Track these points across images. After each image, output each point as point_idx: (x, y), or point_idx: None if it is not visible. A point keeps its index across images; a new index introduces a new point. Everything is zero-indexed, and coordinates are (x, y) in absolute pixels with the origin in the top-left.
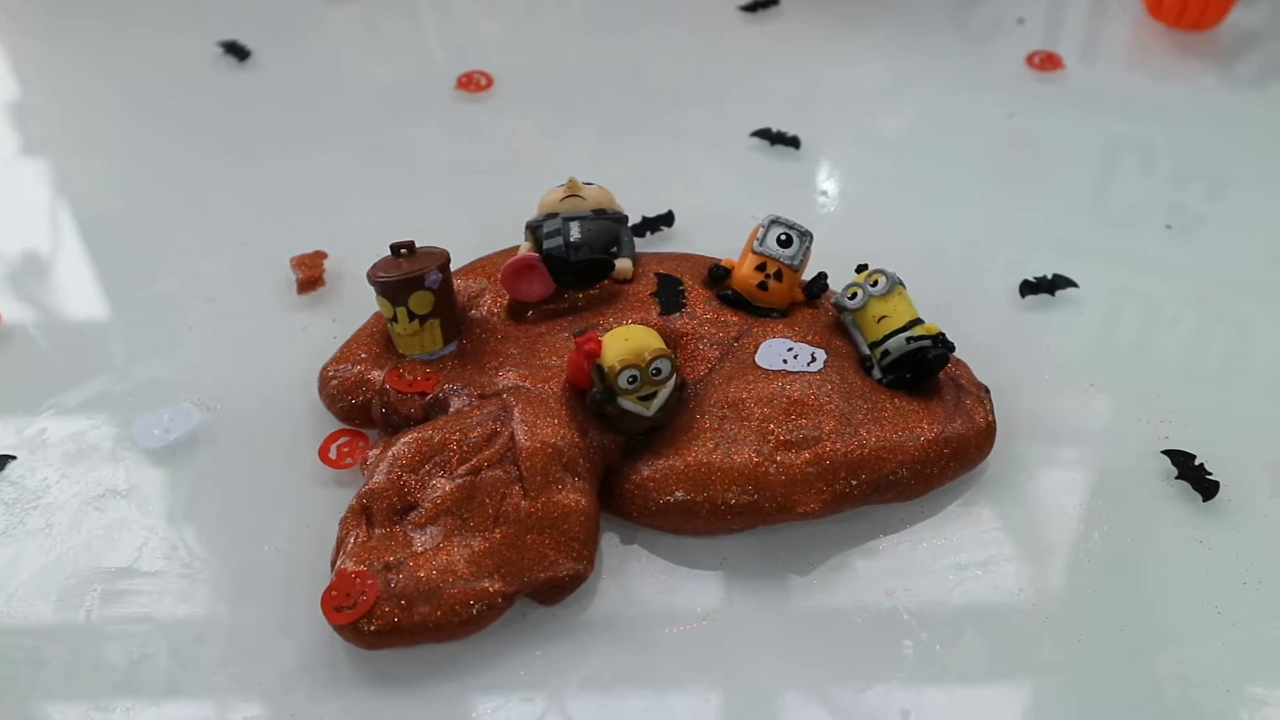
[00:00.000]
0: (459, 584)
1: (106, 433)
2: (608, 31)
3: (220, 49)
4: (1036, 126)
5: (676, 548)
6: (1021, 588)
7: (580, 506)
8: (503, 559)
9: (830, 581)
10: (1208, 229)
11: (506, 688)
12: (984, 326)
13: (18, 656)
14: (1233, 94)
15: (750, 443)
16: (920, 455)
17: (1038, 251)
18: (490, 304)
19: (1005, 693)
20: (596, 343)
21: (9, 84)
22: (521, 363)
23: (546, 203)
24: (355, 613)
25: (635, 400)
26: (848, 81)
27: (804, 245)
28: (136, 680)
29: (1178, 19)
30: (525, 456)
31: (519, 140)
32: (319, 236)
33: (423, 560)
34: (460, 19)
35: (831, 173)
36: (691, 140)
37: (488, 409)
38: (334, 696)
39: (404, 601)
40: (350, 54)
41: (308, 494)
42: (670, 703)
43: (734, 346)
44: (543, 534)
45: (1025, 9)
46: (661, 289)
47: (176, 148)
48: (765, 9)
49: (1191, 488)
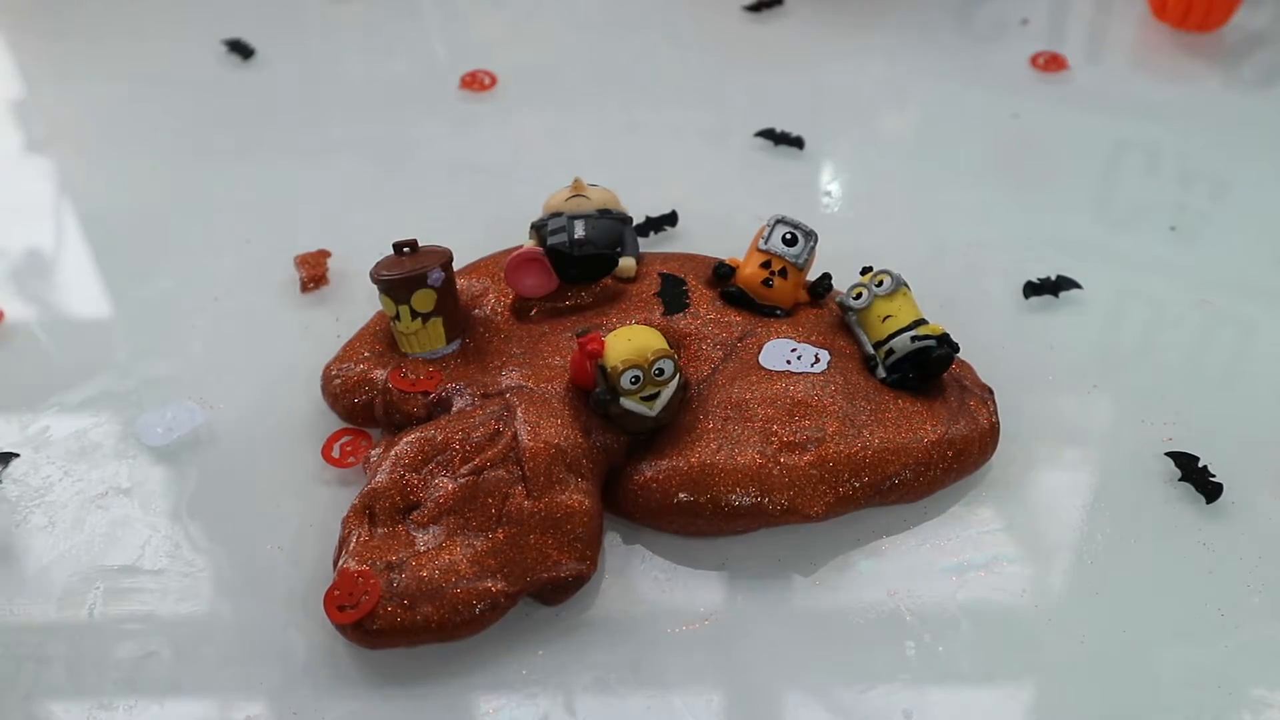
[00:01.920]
0: (462, 584)
1: (109, 431)
2: (612, 31)
3: (225, 47)
4: (1040, 127)
5: (679, 548)
6: (1024, 589)
7: (583, 507)
8: (505, 559)
9: (833, 582)
10: (1212, 230)
11: (509, 687)
12: (987, 327)
13: (21, 654)
14: (1237, 95)
15: (754, 444)
16: (924, 457)
17: (1041, 252)
18: (493, 303)
19: (1008, 693)
20: (599, 343)
21: (13, 82)
22: (524, 362)
23: (552, 203)
24: (358, 612)
25: (638, 400)
26: (852, 82)
27: (809, 245)
28: (139, 678)
29: (1182, 20)
30: (528, 457)
31: (522, 139)
32: (323, 235)
33: (425, 560)
34: (464, 18)
35: (835, 173)
36: (695, 140)
37: (490, 408)
38: (336, 695)
39: (406, 601)
40: (354, 53)
41: (310, 493)
42: (672, 702)
43: (738, 347)
44: (545, 534)
45: (1030, 10)
46: (665, 289)
47: (181, 146)
48: (769, 9)
49: (1195, 490)
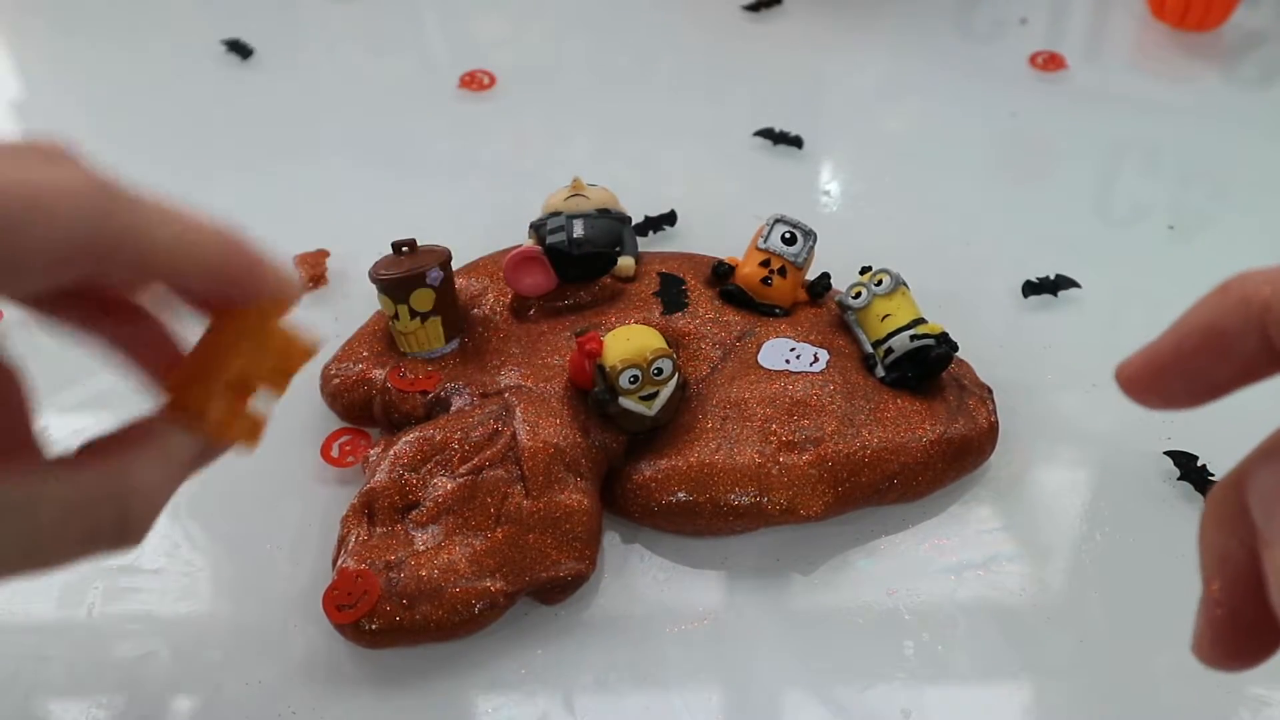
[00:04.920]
0: (461, 583)
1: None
2: (611, 31)
3: (224, 47)
4: (1039, 126)
5: (678, 547)
6: (1023, 588)
7: (582, 506)
8: (504, 558)
9: (832, 581)
10: (1211, 229)
11: (507, 686)
12: (986, 327)
13: (19, 654)
14: (1236, 94)
15: (753, 443)
16: (923, 456)
17: (1040, 252)
18: (492, 303)
19: (1007, 692)
20: (598, 342)
21: (12, 81)
22: (523, 361)
23: (551, 203)
24: (357, 612)
25: (637, 400)
26: (850, 81)
27: (808, 244)
28: (138, 678)
29: (1181, 19)
30: (527, 456)
31: (521, 139)
32: (321, 235)
33: (424, 559)
34: (463, 17)
35: (834, 173)
36: (694, 140)
37: (489, 408)
38: (335, 695)
39: (405, 600)
40: (353, 52)
41: (309, 492)
42: (672, 702)
43: (736, 346)
44: (545, 534)
45: (1028, 9)
46: (664, 288)
47: (179, 145)
48: (768, 8)
49: (1194, 488)
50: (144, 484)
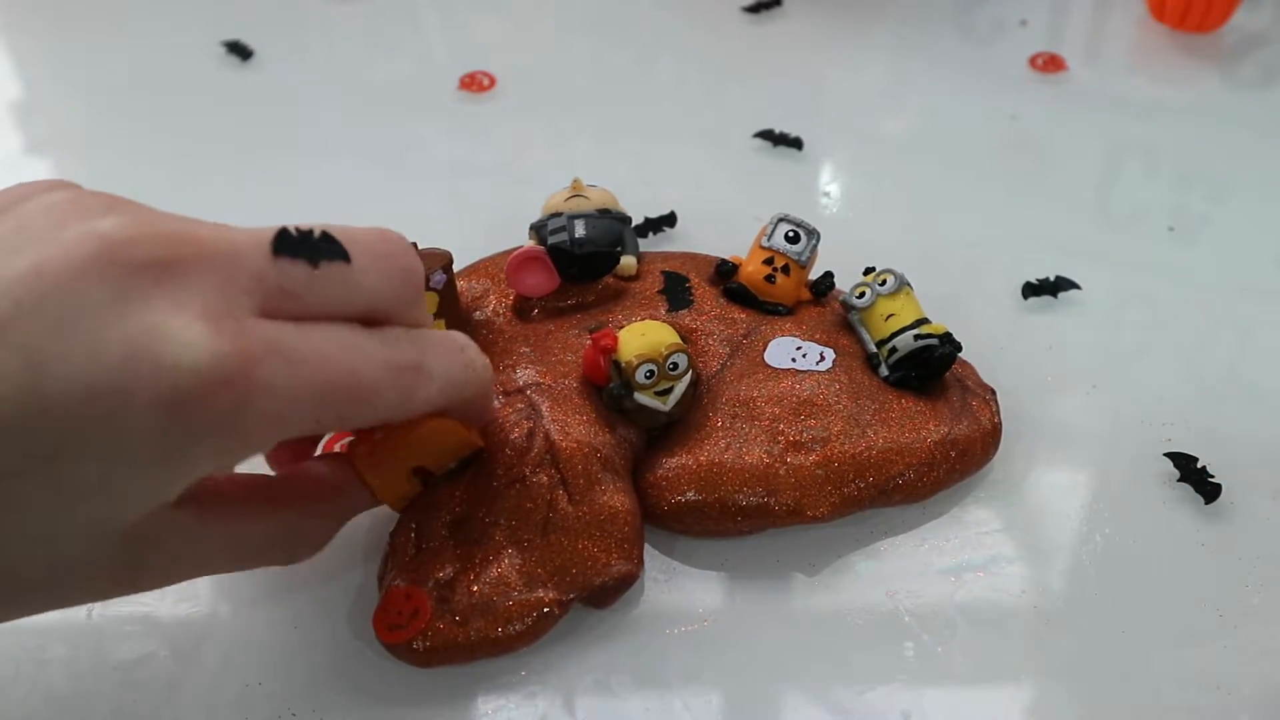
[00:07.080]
0: (513, 595)
1: None
2: (610, 32)
3: (224, 49)
4: (1039, 128)
5: (679, 548)
6: (1023, 589)
7: (625, 506)
8: (555, 567)
9: (832, 583)
10: (1211, 231)
11: (507, 687)
12: (986, 328)
13: (19, 655)
14: (1236, 96)
15: (761, 443)
16: (927, 457)
17: (1040, 253)
18: (494, 305)
19: (1007, 694)
20: (613, 338)
21: (11, 83)
22: (536, 360)
23: (551, 204)
24: (409, 631)
25: (652, 395)
26: (850, 83)
27: (811, 243)
28: (138, 679)
29: (1181, 21)
30: (564, 458)
31: (521, 140)
32: None
33: (475, 574)
34: (463, 19)
35: (834, 174)
36: (694, 141)
37: (517, 405)
38: (335, 696)
39: (458, 617)
40: (353, 54)
41: None
42: (672, 703)
43: (743, 344)
44: (591, 538)
45: (1028, 11)
46: (669, 286)
47: (179, 147)
48: (768, 10)
49: (1194, 490)
50: (318, 534)
